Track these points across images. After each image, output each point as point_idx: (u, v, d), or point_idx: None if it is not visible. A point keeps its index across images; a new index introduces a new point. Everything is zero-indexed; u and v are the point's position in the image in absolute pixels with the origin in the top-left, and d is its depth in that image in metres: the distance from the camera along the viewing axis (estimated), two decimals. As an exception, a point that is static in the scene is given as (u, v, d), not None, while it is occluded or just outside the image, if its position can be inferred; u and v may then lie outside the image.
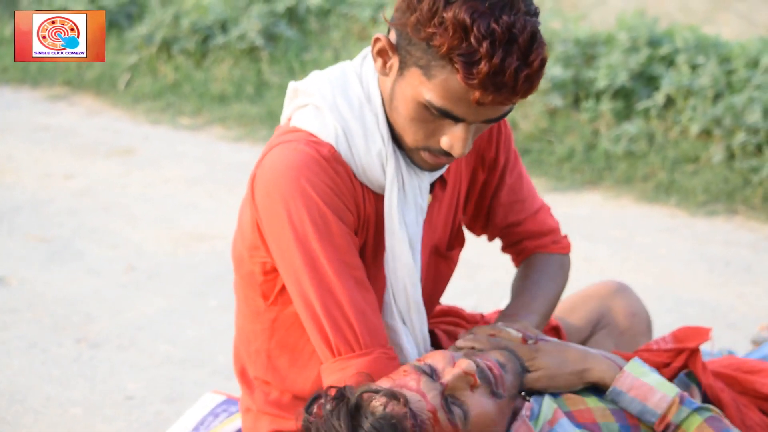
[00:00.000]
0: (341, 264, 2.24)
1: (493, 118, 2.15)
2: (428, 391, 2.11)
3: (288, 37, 7.74)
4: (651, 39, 6.46)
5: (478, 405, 2.13)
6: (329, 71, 2.36)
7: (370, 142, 2.26)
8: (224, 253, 4.93)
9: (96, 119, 7.23)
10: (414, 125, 2.19)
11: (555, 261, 2.67)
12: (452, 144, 2.16)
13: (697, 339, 2.50)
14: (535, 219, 2.66)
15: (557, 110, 6.37)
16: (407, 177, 2.30)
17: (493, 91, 2.04)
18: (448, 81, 2.07)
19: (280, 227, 2.24)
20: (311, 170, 2.22)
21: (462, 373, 2.13)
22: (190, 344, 4.10)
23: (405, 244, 2.31)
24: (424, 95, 2.11)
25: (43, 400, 3.70)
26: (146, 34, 7.92)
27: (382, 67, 2.21)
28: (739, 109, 5.80)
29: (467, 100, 2.08)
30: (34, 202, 5.67)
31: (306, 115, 2.31)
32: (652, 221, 5.38)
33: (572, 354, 2.33)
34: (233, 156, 6.44)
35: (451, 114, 2.12)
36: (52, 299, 4.48)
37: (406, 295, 2.35)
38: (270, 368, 2.48)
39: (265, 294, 2.41)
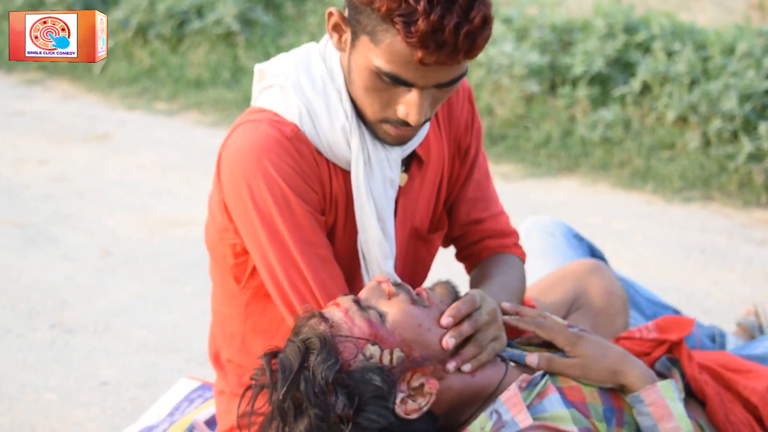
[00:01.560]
0: (304, 243, 2.28)
1: (444, 83, 2.15)
2: (342, 301, 2.18)
3: (264, 22, 7.72)
4: (627, 25, 6.47)
5: (395, 307, 2.17)
6: (294, 52, 2.40)
7: (334, 117, 2.29)
8: (200, 239, 4.91)
9: (71, 104, 7.20)
10: (370, 96, 2.21)
11: (518, 263, 2.64)
12: (407, 111, 2.18)
13: (680, 330, 2.51)
14: (498, 220, 2.63)
15: (534, 96, 6.38)
16: (372, 150, 2.32)
17: (434, 49, 2.05)
18: (393, 44, 2.09)
19: (245, 207, 2.27)
20: (273, 151, 2.25)
21: (375, 282, 2.21)
22: (165, 330, 4.09)
23: (372, 217, 2.33)
24: (374, 62, 2.13)
25: (18, 386, 3.68)
26: (122, 19, 7.88)
27: (338, 42, 2.24)
28: (715, 95, 5.81)
29: (413, 62, 2.09)
30: (9, 187, 5.64)
31: (271, 96, 2.34)
32: (629, 208, 5.39)
33: (612, 352, 2.32)
34: (209, 141, 6.42)
35: (400, 78, 2.13)
36: (26, 285, 4.46)
37: (379, 269, 2.37)
38: (245, 352, 2.49)
39: (237, 277, 2.43)
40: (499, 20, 6.86)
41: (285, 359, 2.10)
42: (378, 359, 2.12)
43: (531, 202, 5.34)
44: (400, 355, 2.14)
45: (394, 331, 2.14)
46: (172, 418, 2.87)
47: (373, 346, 2.12)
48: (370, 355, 2.11)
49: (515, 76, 6.38)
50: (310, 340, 2.09)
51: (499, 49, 6.46)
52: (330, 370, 2.05)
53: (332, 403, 2.06)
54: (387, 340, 2.13)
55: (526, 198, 5.40)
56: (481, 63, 6.44)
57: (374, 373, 2.09)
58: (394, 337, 2.14)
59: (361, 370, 2.10)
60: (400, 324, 2.15)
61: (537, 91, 6.34)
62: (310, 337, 2.10)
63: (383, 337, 2.13)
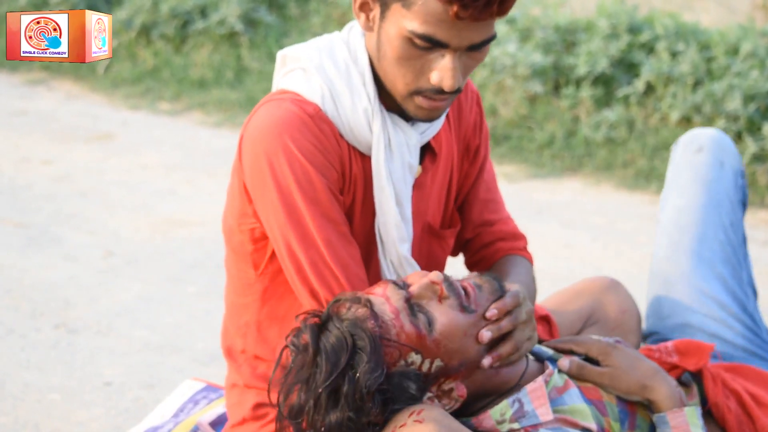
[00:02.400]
0: (324, 219, 2.28)
1: (476, 43, 2.17)
2: (393, 296, 2.15)
3: (268, 22, 7.72)
4: (631, 26, 6.46)
5: (444, 315, 2.15)
6: (316, 39, 2.42)
7: (356, 100, 2.30)
8: (202, 240, 4.94)
9: (75, 104, 7.20)
10: (403, 66, 2.22)
11: (529, 266, 2.64)
12: (442, 76, 2.19)
13: (699, 358, 2.48)
14: (507, 223, 2.65)
15: (537, 97, 6.37)
16: (393, 134, 2.33)
17: (470, 2, 2.08)
18: (426, 4, 2.12)
19: (264, 184, 2.28)
20: (295, 127, 2.26)
21: (428, 281, 2.17)
22: (168, 330, 4.09)
23: (392, 199, 2.34)
24: (407, 26, 2.16)
25: (21, 386, 3.68)
26: (125, 19, 7.88)
27: (366, 22, 2.26)
28: (719, 96, 5.81)
29: (448, 20, 2.12)
30: (12, 187, 5.64)
31: (293, 78, 2.36)
32: (632, 208, 5.39)
33: (645, 366, 2.31)
34: (212, 142, 6.42)
35: (435, 39, 2.15)
36: (29, 285, 4.46)
37: (396, 252, 2.38)
38: (260, 340, 2.49)
39: (255, 263, 2.43)
40: (502, 21, 6.86)
41: (331, 348, 2.08)
42: (417, 367, 2.12)
43: (535, 203, 5.34)
44: (439, 365, 2.14)
45: (440, 341, 2.13)
46: (176, 419, 2.87)
47: (416, 354, 2.11)
48: (411, 362, 2.11)
49: (519, 77, 6.37)
50: (359, 338, 2.08)
51: (502, 50, 6.45)
52: (376, 381, 2.05)
53: (368, 409, 2.06)
54: (431, 350, 2.13)
55: (530, 198, 5.40)
56: (484, 63, 6.44)
57: (411, 381, 2.10)
58: (437, 348, 2.13)
59: (399, 375, 2.09)
60: (447, 335, 2.14)
61: (540, 91, 6.33)
62: (359, 334, 2.08)
63: (428, 347, 2.13)
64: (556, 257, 4.73)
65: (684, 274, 2.81)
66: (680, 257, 2.82)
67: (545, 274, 4.39)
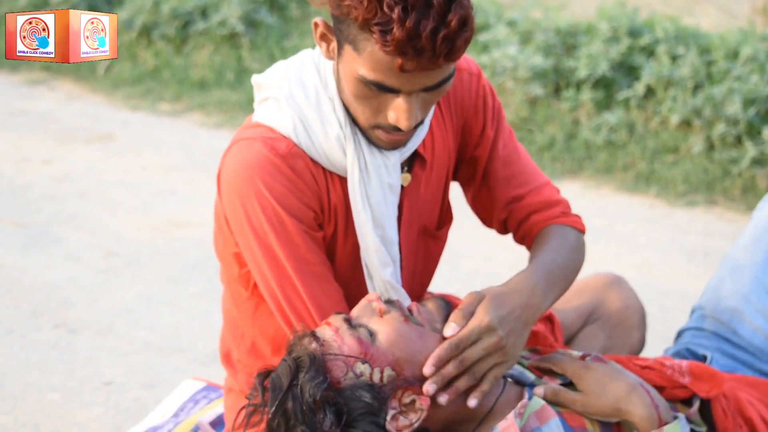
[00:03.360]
0: (299, 261, 2.28)
1: (430, 86, 2.13)
2: (333, 320, 2.19)
3: (269, 23, 7.72)
4: (631, 29, 6.46)
5: (387, 325, 2.16)
6: (289, 62, 2.39)
7: (328, 128, 2.28)
8: (203, 241, 4.94)
9: (75, 105, 7.20)
10: (360, 104, 2.19)
11: (567, 232, 2.51)
12: (398, 117, 2.16)
13: (712, 386, 2.46)
14: (540, 192, 2.55)
15: (537, 99, 6.37)
16: (369, 157, 2.31)
17: (413, 56, 2.03)
18: (374, 53, 2.07)
19: (241, 225, 2.29)
20: (266, 171, 2.25)
21: (365, 301, 2.21)
22: (168, 331, 4.09)
23: (369, 224, 2.32)
24: (358, 71, 2.12)
25: (22, 385, 3.68)
26: (126, 20, 7.88)
27: (327, 51, 2.23)
28: (719, 100, 5.81)
29: (395, 69, 2.07)
30: (12, 187, 5.64)
31: (266, 109, 2.35)
32: (632, 211, 5.39)
33: (618, 388, 2.25)
34: (213, 143, 6.42)
35: (385, 86, 2.11)
36: (29, 285, 4.46)
37: (379, 276, 2.37)
38: (253, 354, 2.50)
39: (245, 284, 2.45)
40: (503, 23, 6.86)
41: (276, 378, 2.12)
42: (368, 377, 2.12)
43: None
44: (390, 373, 2.13)
45: (385, 350, 2.14)
46: (177, 418, 2.87)
47: (363, 364, 2.12)
48: (360, 373, 2.12)
49: (519, 79, 6.37)
50: (300, 359, 2.11)
51: (503, 52, 6.45)
52: (318, 387, 2.06)
53: (320, 421, 2.06)
54: (377, 359, 2.13)
55: (530, 201, 5.39)
56: (485, 66, 6.44)
57: (364, 390, 2.10)
58: (385, 356, 2.13)
59: (350, 387, 2.10)
60: (391, 342, 2.14)
61: (541, 94, 6.33)
62: (301, 356, 2.11)
63: (373, 356, 2.13)
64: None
65: (754, 265, 2.81)
66: (756, 250, 2.83)
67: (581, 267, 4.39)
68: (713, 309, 2.84)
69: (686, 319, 4.16)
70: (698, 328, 2.87)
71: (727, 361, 2.78)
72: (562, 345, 2.72)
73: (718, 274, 2.90)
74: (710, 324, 2.84)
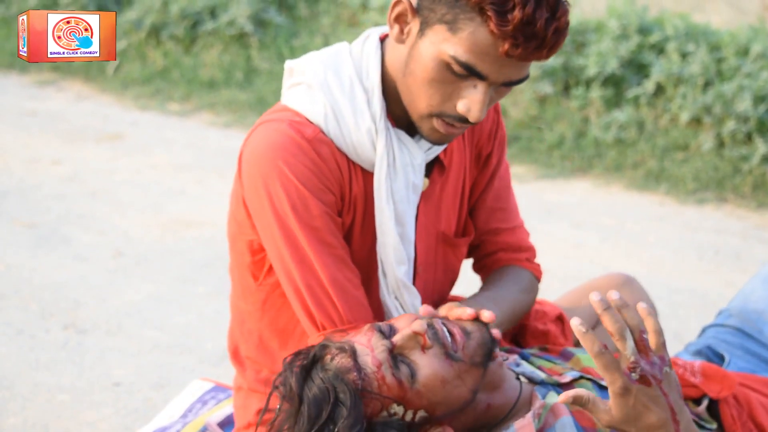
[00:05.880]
0: (320, 243, 2.26)
1: (512, 80, 2.14)
2: (377, 346, 2.12)
3: (277, 23, 7.72)
4: (641, 27, 6.46)
5: (428, 366, 2.11)
6: (323, 51, 2.38)
7: (360, 120, 2.27)
8: (212, 240, 4.94)
9: (84, 105, 7.21)
10: (431, 88, 2.17)
11: (527, 276, 2.60)
12: (470, 107, 2.15)
13: (723, 387, 2.45)
14: (514, 233, 2.60)
15: (547, 97, 6.37)
16: (398, 153, 2.30)
17: (523, 41, 2.05)
18: (475, 34, 2.07)
19: (262, 207, 2.27)
20: (290, 152, 2.24)
21: (411, 332, 2.13)
22: (177, 331, 4.09)
23: (391, 221, 2.32)
24: (448, 51, 2.10)
25: (31, 386, 3.68)
26: (135, 20, 7.89)
27: (399, 34, 2.21)
28: (729, 97, 5.80)
29: (493, 54, 2.07)
30: (22, 187, 5.64)
31: (297, 94, 2.33)
32: (642, 209, 5.38)
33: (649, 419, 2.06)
34: (222, 142, 6.42)
35: (475, 70, 2.10)
36: (39, 285, 4.47)
37: (393, 273, 2.36)
38: (261, 349, 2.49)
39: (254, 274, 2.43)
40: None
41: (314, 400, 2.07)
42: (401, 417, 2.11)
43: (544, 204, 5.33)
44: (423, 415, 2.12)
45: (423, 393, 2.11)
46: (185, 419, 2.86)
47: (398, 406, 2.10)
48: (393, 413, 2.10)
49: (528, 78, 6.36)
50: (341, 390, 2.07)
51: (512, 50, 6.44)
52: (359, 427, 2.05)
53: None
54: (413, 402, 2.11)
55: (539, 199, 5.39)
56: (494, 64, 6.43)
57: (394, 429, 2.09)
58: (421, 400, 2.11)
59: (381, 425, 2.08)
60: (430, 387, 2.11)
61: (550, 92, 6.33)
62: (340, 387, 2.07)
63: (410, 400, 2.11)
64: (565, 257, 4.72)
65: None
66: None
67: (555, 274, 4.39)
68: (741, 309, 2.86)
69: (696, 315, 4.16)
70: (723, 325, 2.87)
71: (748, 359, 2.78)
72: (572, 345, 2.71)
73: (751, 283, 2.92)
74: (736, 321, 2.85)
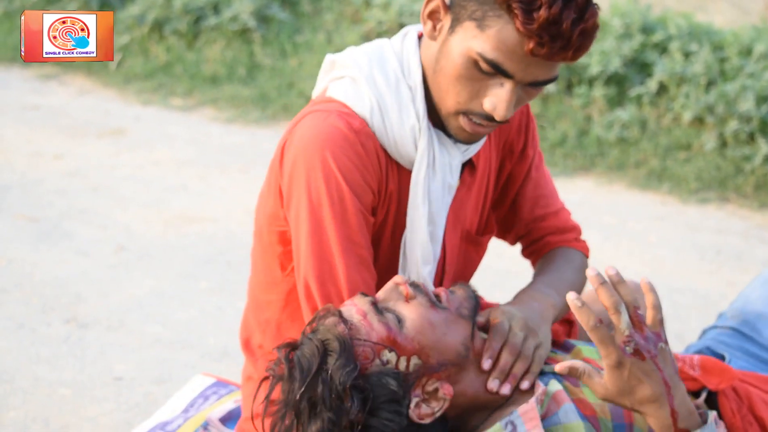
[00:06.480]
0: (348, 241, 2.26)
1: (539, 81, 2.15)
2: (359, 301, 2.16)
3: (280, 19, 7.72)
4: (644, 26, 6.45)
5: (414, 311, 2.14)
6: (366, 46, 2.39)
7: (404, 116, 2.28)
8: (214, 236, 4.94)
9: (87, 99, 7.21)
10: (459, 84, 2.19)
11: (578, 256, 2.65)
12: (496, 105, 2.16)
13: (722, 379, 2.45)
14: (559, 216, 2.66)
15: (550, 96, 6.36)
16: (439, 153, 2.32)
17: (548, 41, 2.06)
18: (502, 31, 2.09)
19: (298, 194, 2.26)
20: (337, 144, 2.24)
21: (392, 284, 2.18)
22: (179, 326, 4.09)
23: (424, 219, 2.33)
24: (476, 48, 2.12)
25: (32, 380, 3.68)
26: (138, 15, 7.89)
27: (432, 31, 2.23)
28: (732, 97, 5.80)
29: (520, 52, 2.09)
30: (24, 182, 5.64)
31: (342, 87, 2.33)
32: (644, 208, 5.38)
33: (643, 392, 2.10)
34: (224, 138, 6.42)
35: (501, 68, 2.12)
36: (40, 280, 4.47)
37: (417, 272, 2.37)
38: (279, 338, 2.48)
39: (283, 264, 2.42)
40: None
41: (303, 358, 2.08)
42: (394, 365, 2.11)
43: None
44: (417, 362, 2.12)
45: (412, 337, 2.12)
46: (186, 414, 2.87)
47: (390, 352, 2.10)
48: (386, 361, 2.10)
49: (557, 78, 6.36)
50: (328, 341, 2.08)
51: (515, 48, 6.44)
52: (348, 375, 2.04)
53: (347, 408, 2.05)
54: (404, 347, 2.11)
55: (541, 197, 5.38)
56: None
57: (390, 378, 2.08)
58: (411, 344, 2.12)
59: (377, 374, 2.08)
60: (418, 330, 2.13)
61: (553, 90, 6.33)
62: (329, 338, 2.08)
63: (401, 344, 2.11)
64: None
65: None
66: None
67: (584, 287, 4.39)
68: (740, 310, 2.88)
69: (697, 316, 4.16)
70: (722, 326, 2.88)
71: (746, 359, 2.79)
72: (576, 342, 2.72)
73: (750, 286, 2.95)
74: (735, 322, 2.86)
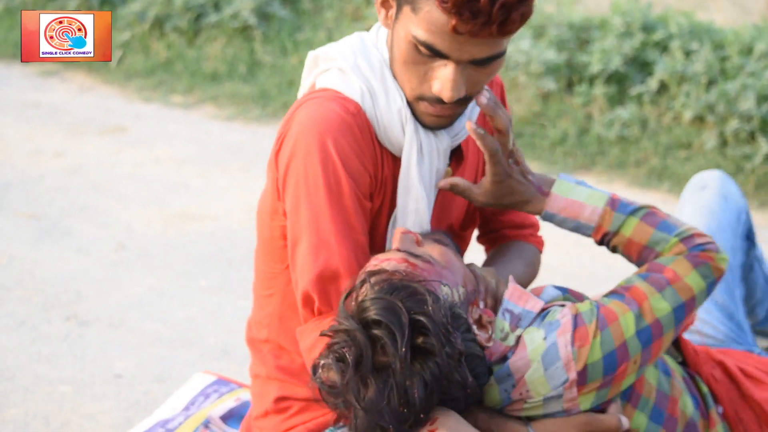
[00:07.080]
0: (345, 225, 2.25)
1: (478, 58, 2.16)
2: (392, 255, 2.17)
3: (281, 16, 7.71)
4: (645, 24, 6.45)
5: (434, 250, 2.19)
6: (346, 38, 2.41)
7: (391, 100, 2.30)
8: (215, 234, 4.94)
9: (87, 97, 7.20)
10: (408, 70, 2.22)
11: (531, 250, 2.67)
12: (441, 87, 2.18)
13: None
14: (518, 212, 2.64)
15: (550, 94, 6.36)
16: (425, 138, 2.32)
17: (468, 17, 2.06)
18: (431, 13, 2.11)
19: (296, 180, 2.26)
20: (335, 128, 2.25)
21: (401, 233, 2.20)
22: (179, 324, 4.09)
23: (423, 201, 2.33)
24: (412, 32, 2.15)
25: (32, 378, 3.68)
26: (139, 11, 7.88)
27: (385, 18, 2.26)
28: (733, 96, 5.80)
29: (447, 31, 2.10)
30: (24, 179, 5.64)
31: (330, 77, 2.35)
32: (644, 207, 5.37)
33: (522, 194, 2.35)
34: (225, 135, 6.42)
35: (435, 48, 2.14)
36: (41, 277, 4.47)
37: None
38: (282, 329, 2.48)
39: (282, 258, 2.42)
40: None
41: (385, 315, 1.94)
42: (451, 297, 2.11)
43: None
44: (462, 290, 2.15)
45: (447, 266, 2.16)
46: (187, 412, 2.87)
47: (444, 286, 2.11)
48: (445, 294, 2.10)
49: (532, 74, 6.36)
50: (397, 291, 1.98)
51: (515, 47, 6.45)
52: (443, 309, 1.99)
53: (455, 339, 1.98)
54: (449, 278, 2.15)
55: (542, 196, 5.38)
56: (497, 60, 6.43)
57: (456, 308, 2.07)
58: (452, 275, 2.16)
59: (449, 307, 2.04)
60: (447, 259, 2.18)
61: (554, 89, 6.32)
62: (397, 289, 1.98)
63: (447, 277, 2.14)
64: (567, 254, 4.72)
65: None
66: None
67: (557, 271, 4.39)
68: None
69: (698, 315, 4.16)
70: None
71: None
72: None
73: None
74: None
